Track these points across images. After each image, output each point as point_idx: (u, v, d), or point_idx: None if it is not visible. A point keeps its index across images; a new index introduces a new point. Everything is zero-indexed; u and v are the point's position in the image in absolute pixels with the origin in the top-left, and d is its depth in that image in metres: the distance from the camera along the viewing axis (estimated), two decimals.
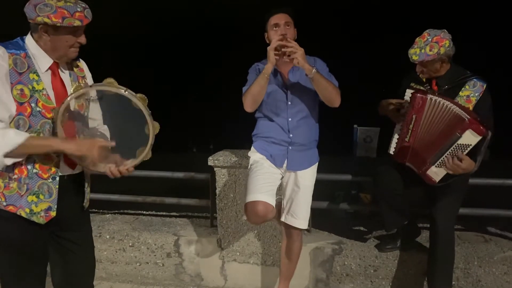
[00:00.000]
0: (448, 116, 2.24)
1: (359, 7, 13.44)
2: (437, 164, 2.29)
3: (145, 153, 1.69)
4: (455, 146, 2.22)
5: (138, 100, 1.63)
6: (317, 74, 2.15)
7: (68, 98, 1.60)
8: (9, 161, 1.54)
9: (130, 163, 1.70)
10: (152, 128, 1.67)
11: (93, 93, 1.69)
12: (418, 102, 2.31)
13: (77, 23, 1.56)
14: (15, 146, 1.50)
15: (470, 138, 2.18)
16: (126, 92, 1.61)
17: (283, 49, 2.13)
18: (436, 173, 2.31)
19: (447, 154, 2.25)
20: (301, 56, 2.10)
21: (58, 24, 1.54)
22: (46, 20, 1.52)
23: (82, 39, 1.66)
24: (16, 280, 1.67)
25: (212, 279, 3.06)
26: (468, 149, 2.21)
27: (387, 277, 2.79)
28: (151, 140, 1.68)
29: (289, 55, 2.15)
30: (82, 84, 1.72)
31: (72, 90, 1.64)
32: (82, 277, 1.87)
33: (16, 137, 1.51)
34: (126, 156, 1.70)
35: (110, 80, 1.63)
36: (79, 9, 1.57)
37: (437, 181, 2.32)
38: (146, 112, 1.64)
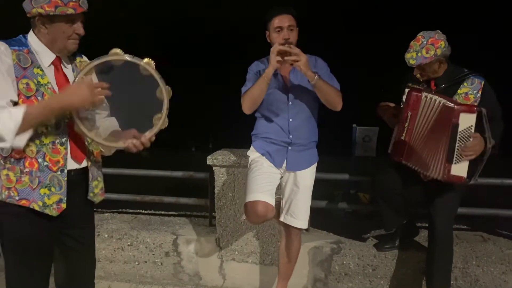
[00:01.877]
0: (439, 111, 2.25)
1: (358, 7, 13.45)
2: (455, 160, 2.26)
3: (163, 119, 1.65)
4: (459, 134, 2.22)
5: (147, 65, 1.60)
6: (319, 80, 2.13)
7: (78, 77, 1.59)
8: (22, 141, 1.52)
9: (149, 133, 1.67)
10: (166, 90, 1.63)
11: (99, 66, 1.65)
12: (413, 99, 2.31)
13: (70, 11, 1.56)
14: (19, 120, 1.47)
15: (466, 120, 2.19)
16: (134, 58, 1.59)
17: (285, 58, 2.10)
18: (460, 168, 2.25)
19: (457, 146, 2.23)
20: (304, 65, 2.08)
21: (51, 13, 1.55)
22: (40, 10, 1.54)
23: (80, 30, 1.65)
24: (23, 277, 1.67)
25: (210, 278, 3.05)
26: (472, 130, 2.21)
27: (386, 277, 2.79)
28: (166, 104, 1.64)
29: (291, 64, 2.14)
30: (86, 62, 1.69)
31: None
32: (83, 277, 1.88)
33: (16, 112, 1.48)
34: (143, 129, 1.67)
35: (116, 50, 1.60)
36: None
37: (465, 176, 2.26)
38: (157, 76, 1.61)
